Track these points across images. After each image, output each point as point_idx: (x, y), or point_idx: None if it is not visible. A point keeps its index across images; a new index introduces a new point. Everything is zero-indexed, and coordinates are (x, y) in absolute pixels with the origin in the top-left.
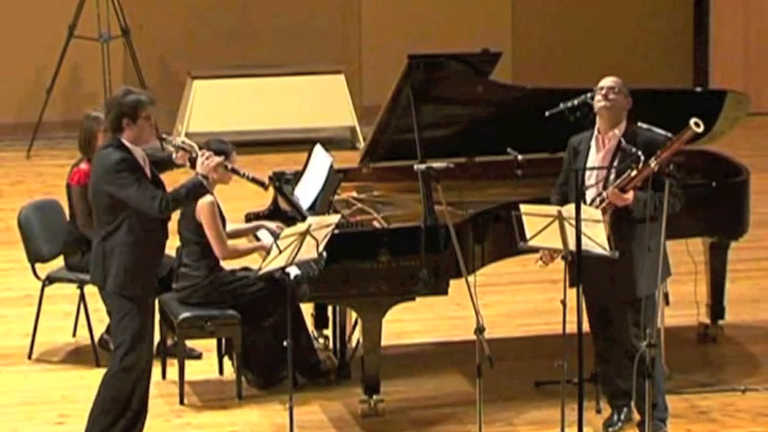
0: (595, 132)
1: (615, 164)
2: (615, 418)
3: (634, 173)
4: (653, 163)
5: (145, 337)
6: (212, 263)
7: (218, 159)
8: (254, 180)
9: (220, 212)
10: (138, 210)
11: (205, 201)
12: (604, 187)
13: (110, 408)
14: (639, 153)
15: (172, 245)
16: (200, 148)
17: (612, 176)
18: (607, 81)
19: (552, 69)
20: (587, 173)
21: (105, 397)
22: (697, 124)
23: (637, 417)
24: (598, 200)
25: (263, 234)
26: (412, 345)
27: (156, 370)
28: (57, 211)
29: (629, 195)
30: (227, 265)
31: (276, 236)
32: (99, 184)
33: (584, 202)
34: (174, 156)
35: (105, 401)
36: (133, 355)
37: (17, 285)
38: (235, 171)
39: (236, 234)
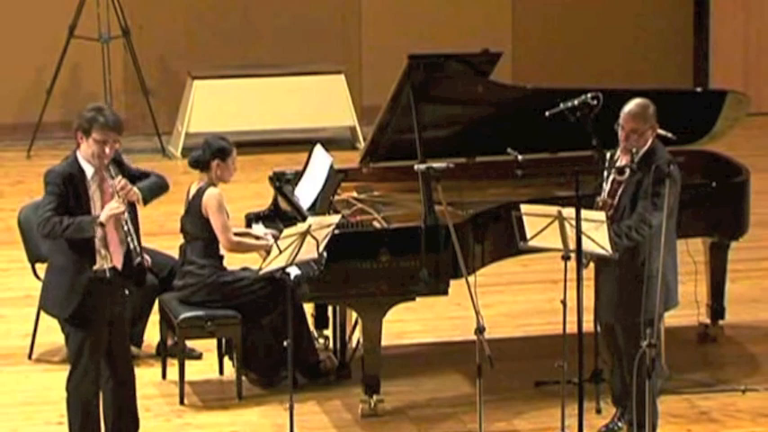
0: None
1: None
2: (618, 418)
3: (601, 203)
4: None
5: (85, 351)
6: (216, 262)
7: (120, 210)
8: (135, 251)
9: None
10: None
11: (213, 191)
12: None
13: (73, 417)
14: (633, 166)
15: (173, 244)
16: (123, 193)
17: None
18: (627, 118)
19: (552, 69)
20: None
21: (69, 407)
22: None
23: None
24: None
25: (258, 229)
26: (412, 345)
27: (157, 370)
28: None
29: None
30: (228, 264)
31: (276, 236)
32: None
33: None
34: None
35: (69, 411)
36: (73, 378)
37: (17, 285)
38: (127, 232)
39: (242, 236)
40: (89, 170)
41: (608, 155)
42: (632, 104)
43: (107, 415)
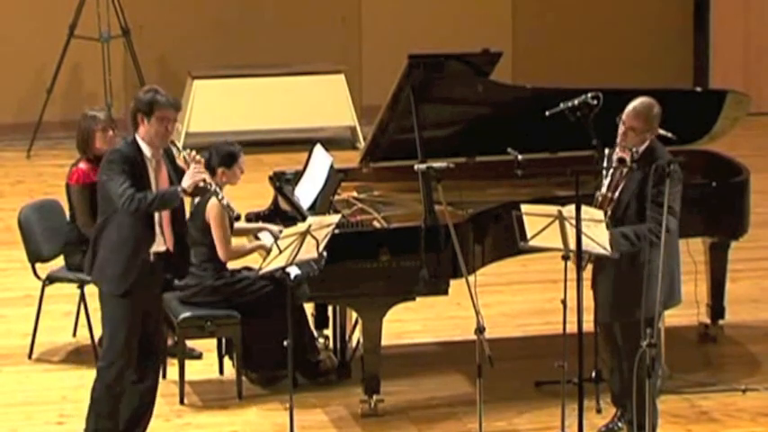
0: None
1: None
2: (618, 418)
3: (600, 198)
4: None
5: (120, 334)
6: (219, 265)
7: (203, 176)
8: (227, 207)
9: (229, 217)
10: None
11: (216, 201)
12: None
13: (97, 401)
14: (633, 166)
15: None
16: (198, 161)
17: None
18: (629, 115)
19: (552, 69)
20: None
21: (93, 393)
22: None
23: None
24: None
25: (264, 236)
26: (412, 345)
27: None
28: (57, 211)
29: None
30: (228, 264)
31: (276, 236)
32: (100, 174)
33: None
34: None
35: (94, 394)
36: (111, 352)
37: (17, 285)
38: (214, 193)
39: (239, 232)
40: (148, 152)
41: (606, 151)
42: (638, 102)
43: (122, 408)
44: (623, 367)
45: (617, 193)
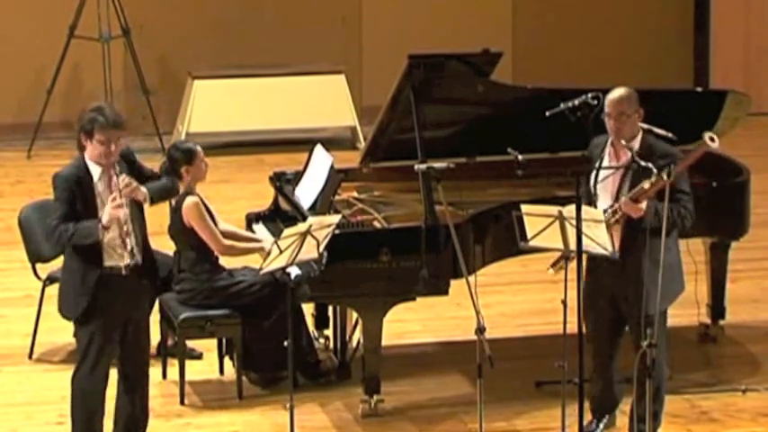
0: (609, 141)
1: (628, 178)
2: (594, 425)
3: (647, 185)
4: (665, 176)
5: (90, 356)
6: (211, 266)
7: (119, 211)
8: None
9: (208, 210)
10: None
11: (190, 202)
12: (616, 200)
13: (76, 412)
14: (653, 168)
15: (172, 245)
16: (127, 184)
17: (625, 190)
18: (613, 103)
19: (552, 69)
20: (598, 183)
21: (73, 401)
22: (712, 139)
23: (619, 423)
24: (610, 211)
25: (263, 234)
26: (412, 345)
27: (157, 370)
28: None
29: (643, 205)
30: (229, 264)
31: (277, 236)
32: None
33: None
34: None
35: (73, 406)
36: (78, 375)
37: (17, 285)
38: (127, 232)
39: (234, 237)
40: (96, 172)
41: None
42: (615, 91)
43: (117, 420)
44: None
45: (615, 187)
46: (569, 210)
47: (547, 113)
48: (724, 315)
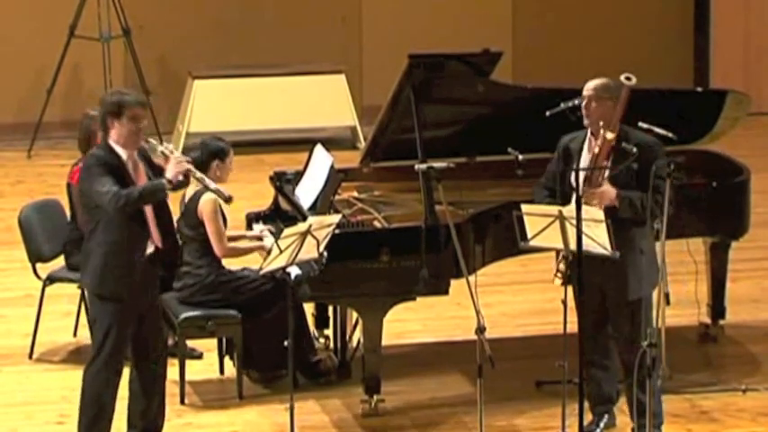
0: (588, 134)
1: (609, 165)
2: (595, 425)
3: (596, 149)
4: (607, 133)
5: (109, 342)
6: (214, 261)
7: (186, 166)
8: (217, 192)
9: (222, 213)
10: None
11: (209, 198)
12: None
13: (85, 408)
14: (635, 149)
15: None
16: (180, 154)
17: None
18: (587, 87)
19: (552, 69)
20: (580, 176)
21: (83, 396)
22: (628, 78)
23: (619, 422)
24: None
25: (261, 232)
26: (412, 345)
27: None
28: (57, 210)
29: (606, 187)
30: (228, 264)
31: (277, 236)
32: (80, 182)
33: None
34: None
35: (83, 401)
36: (103, 355)
37: (17, 285)
38: (200, 180)
39: (238, 239)
40: (123, 155)
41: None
42: (594, 80)
43: (132, 420)
44: (611, 355)
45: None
46: (569, 210)
47: (547, 113)
48: (724, 315)
